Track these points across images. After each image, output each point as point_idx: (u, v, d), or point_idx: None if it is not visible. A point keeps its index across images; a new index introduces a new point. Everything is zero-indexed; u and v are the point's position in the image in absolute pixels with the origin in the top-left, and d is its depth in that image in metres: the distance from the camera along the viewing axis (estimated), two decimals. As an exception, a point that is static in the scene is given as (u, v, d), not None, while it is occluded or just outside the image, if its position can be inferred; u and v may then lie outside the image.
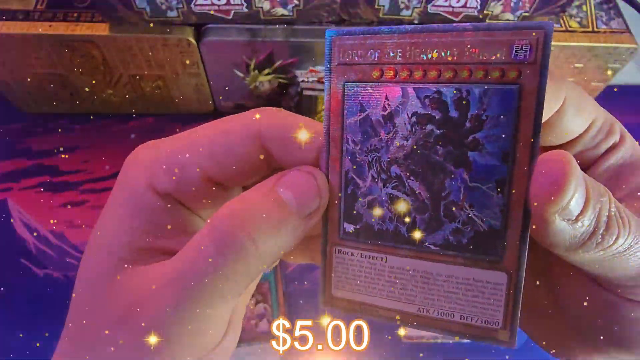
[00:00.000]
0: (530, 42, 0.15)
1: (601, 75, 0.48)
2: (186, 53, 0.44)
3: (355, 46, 0.17)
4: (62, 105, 0.50)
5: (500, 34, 0.15)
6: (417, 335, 0.45)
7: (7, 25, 0.42)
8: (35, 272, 0.45)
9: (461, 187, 0.16)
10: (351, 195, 0.18)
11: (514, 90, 0.15)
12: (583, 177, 0.15)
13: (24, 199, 0.48)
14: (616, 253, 0.16)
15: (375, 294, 0.19)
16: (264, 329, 0.44)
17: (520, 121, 0.15)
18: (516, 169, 0.16)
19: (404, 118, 0.17)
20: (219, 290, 0.16)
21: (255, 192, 0.17)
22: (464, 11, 0.42)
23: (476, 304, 0.17)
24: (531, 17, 0.42)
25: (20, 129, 0.52)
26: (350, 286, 0.19)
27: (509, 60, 0.15)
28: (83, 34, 0.41)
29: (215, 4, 0.40)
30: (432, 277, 0.18)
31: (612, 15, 0.46)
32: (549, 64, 0.15)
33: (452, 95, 0.16)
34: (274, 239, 0.17)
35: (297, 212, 0.17)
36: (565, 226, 0.15)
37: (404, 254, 0.18)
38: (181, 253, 0.17)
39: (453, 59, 0.15)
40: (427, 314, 0.18)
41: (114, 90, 0.49)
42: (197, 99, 0.50)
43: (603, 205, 0.16)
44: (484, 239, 0.16)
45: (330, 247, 0.19)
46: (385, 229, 0.18)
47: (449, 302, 0.17)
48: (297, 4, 0.40)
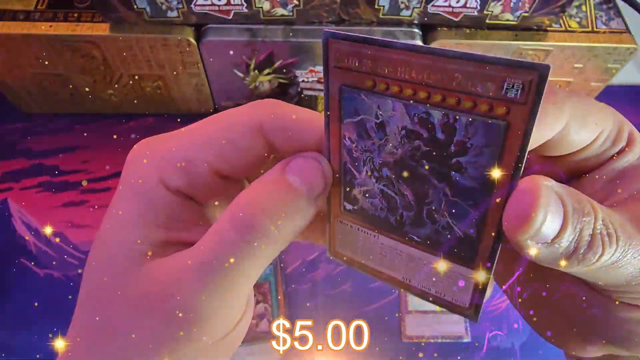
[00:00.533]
0: (523, 82, 0.14)
1: (601, 75, 0.48)
2: (186, 53, 0.44)
3: (350, 53, 0.16)
4: (62, 105, 0.50)
5: (492, 68, 0.14)
6: (417, 335, 0.45)
7: (7, 25, 0.42)
8: (36, 272, 0.45)
9: (443, 199, 0.17)
10: (349, 182, 0.20)
11: (500, 126, 0.15)
12: (565, 199, 0.16)
13: (24, 199, 0.48)
14: (603, 267, 0.17)
15: (369, 259, 0.21)
16: (264, 329, 0.44)
17: (504, 155, 0.15)
18: (494, 195, 0.16)
19: (395, 129, 0.17)
20: (243, 272, 0.18)
21: (267, 181, 0.19)
22: (464, 11, 0.42)
23: (450, 287, 0.19)
24: (531, 17, 0.42)
25: (20, 129, 0.52)
26: (350, 248, 0.22)
27: (498, 96, 0.14)
28: (83, 34, 0.42)
29: (215, 4, 0.40)
30: (415, 260, 0.20)
31: (611, 15, 0.46)
32: (540, 106, 0.14)
33: (439, 118, 0.16)
34: (291, 221, 0.18)
35: (307, 196, 0.19)
36: (542, 248, 0.16)
37: (392, 237, 0.20)
38: (202, 241, 0.18)
39: (443, 84, 0.15)
40: (409, 282, 0.21)
41: (114, 90, 0.49)
42: (197, 99, 0.50)
43: (585, 225, 0.16)
44: (460, 243, 0.18)
45: (333, 219, 0.21)
46: (378, 215, 0.20)
47: (427, 281, 0.20)
48: (297, 4, 0.40)
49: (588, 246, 0.16)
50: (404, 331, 0.45)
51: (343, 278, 0.47)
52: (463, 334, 0.45)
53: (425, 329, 0.45)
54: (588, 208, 0.17)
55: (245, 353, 0.43)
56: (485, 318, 0.46)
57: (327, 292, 0.46)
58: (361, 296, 0.46)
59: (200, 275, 0.17)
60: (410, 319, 0.46)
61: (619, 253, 0.17)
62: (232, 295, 0.18)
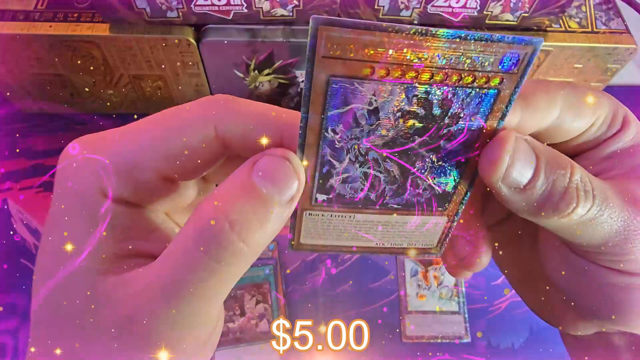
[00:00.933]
0: (520, 55, 0.16)
1: (601, 75, 0.48)
2: (186, 53, 0.44)
3: (346, 40, 0.15)
4: (62, 105, 0.50)
5: (496, 45, 0.15)
6: (417, 336, 0.45)
7: (7, 25, 0.42)
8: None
9: (429, 166, 0.19)
10: (326, 174, 0.19)
11: (492, 95, 0.17)
12: (539, 152, 0.18)
13: (24, 199, 0.48)
14: (580, 221, 0.18)
15: (340, 238, 0.22)
16: (264, 329, 0.44)
17: (489, 118, 0.17)
18: (474, 152, 0.18)
19: (389, 113, 0.17)
20: (210, 291, 0.16)
21: (232, 187, 0.17)
22: (464, 11, 0.42)
23: (421, 236, 0.22)
24: (530, 17, 0.42)
25: (20, 129, 0.52)
26: (318, 235, 0.21)
27: (496, 69, 0.16)
28: (83, 34, 0.41)
29: (215, 4, 0.40)
30: (390, 224, 0.21)
31: (611, 15, 0.46)
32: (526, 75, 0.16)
33: (438, 96, 0.17)
34: (262, 232, 0.16)
35: (279, 201, 0.17)
36: (515, 193, 0.18)
37: (369, 212, 0.20)
38: (164, 259, 0.16)
39: (449, 63, 0.16)
40: (382, 245, 0.22)
41: (114, 90, 0.49)
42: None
43: (560, 177, 0.18)
44: (437, 198, 0.20)
45: (301, 212, 0.20)
46: (355, 197, 0.20)
47: (401, 237, 0.22)
48: (297, 4, 0.40)
49: (561, 197, 0.18)
50: (404, 331, 0.45)
51: (343, 278, 0.47)
52: (463, 334, 0.45)
53: (425, 329, 0.45)
54: (565, 163, 0.18)
55: (245, 353, 0.43)
56: (485, 318, 0.46)
57: (327, 292, 0.46)
58: (361, 296, 0.46)
59: (163, 299, 0.16)
60: (410, 319, 0.46)
61: (595, 210, 0.18)
62: (200, 316, 0.17)
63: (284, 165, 0.17)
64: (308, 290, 0.46)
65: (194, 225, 0.16)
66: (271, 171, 0.17)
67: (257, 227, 0.16)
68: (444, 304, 0.46)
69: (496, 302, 0.47)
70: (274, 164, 0.17)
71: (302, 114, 0.17)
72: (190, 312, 0.16)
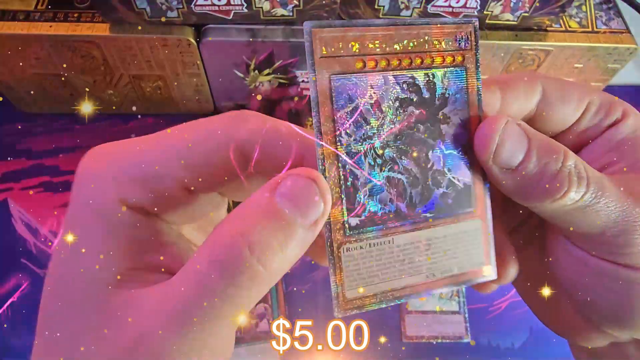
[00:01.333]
0: (466, 33, 0.19)
1: (601, 75, 0.48)
2: (186, 53, 0.44)
3: (337, 39, 0.17)
4: (62, 105, 0.50)
5: (449, 27, 0.19)
6: (417, 335, 0.45)
7: (7, 25, 0.42)
8: (36, 272, 0.45)
9: (440, 156, 0.20)
10: (352, 187, 0.18)
11: (461, 71, 0.20)
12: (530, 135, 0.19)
13: (24, 199, 0.48)
14: (575, 207, 0.18)
15: (386, 278, 0.20)
16: (264, 329, 0.44)
17: (469, 95, 0.20)
18: (470, 133, 0.20)
19: (389, 104, 0.19)
20: (226, 317, 0.16)
21: (253, 207, 0.16)
22: (464, 11, 0.42)
23: (464, 251, 0.21)
24: (531, 17, 0.42)
25: (20, 129, 0.52)
26: (363, 279, 0.19)
27: (455, 48, 0.19)
28: (83, 34, 0.41)
29: (215, 4, 0.40)
30: (432, 241, 0.20)
31: (611, 15, 0.46)
32: (479, 51, 0.20)
33: (422, 79, 0.19)
34: (282, 256, 0.16)
35: (302, 224, 0.16)
36: (506, 173, 0.19)
37: (405, 229, 0.20)
38: (179, 279, 0.16)
39: (422, 48, 0.19)
40: (433, 278, 0.20)
41: (114, 90, 0.49)
42: (197, 99, 0.50)
43: (552, 161, 0.18)
44: (461, 195, 0.20)
45: (337, 249, 0.19)
46: (388, 211, 0.19)
47: (448, 259, 0.21)
48: (297, 4, 0.40)
49: (553, 179, 0.18)
50: (404, 331, 0.45)
51: (343, 278, 0.46)
52: (463, 334, 0.45)
53: (425, 329, 0.45)
54: (558, 149, 0.19)
55: (245, 353, 0.43)
56: (485, 318, 0.46)
57: (327, 292, 0.46)
58: (361, 296, 0.46)
59: (177, 325, 0.15)
60: (410, 319, 0.46)
61: (589, 196, 0.18)
62: (214, 342, 0.16)
63: (309, 185, 0.16)
64: (308, 290, 0.46)
65: (212, 246, 0.16)
66: (295, 192, 0.16)
67: (278, 251, 0.15)
68: (444, 304, 0.46)
69: (496, 302, 0.47)
70: (299, 184, 0.16)
71: (314, 122, 0.17)
72: (204, 338, 0.15)
